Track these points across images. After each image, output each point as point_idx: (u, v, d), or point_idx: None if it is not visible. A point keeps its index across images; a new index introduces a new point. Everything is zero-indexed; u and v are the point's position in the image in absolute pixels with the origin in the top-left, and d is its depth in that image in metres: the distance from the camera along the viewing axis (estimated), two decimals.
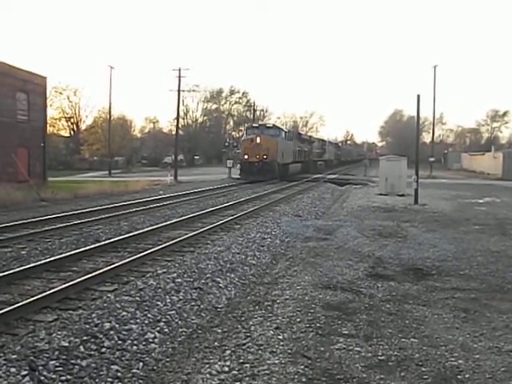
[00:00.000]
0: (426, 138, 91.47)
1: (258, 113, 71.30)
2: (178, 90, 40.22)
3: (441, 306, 7.02)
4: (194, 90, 59.81)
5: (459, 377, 4.80)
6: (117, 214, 15.75)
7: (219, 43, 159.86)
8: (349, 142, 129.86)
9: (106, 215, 15.36)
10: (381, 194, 25.04)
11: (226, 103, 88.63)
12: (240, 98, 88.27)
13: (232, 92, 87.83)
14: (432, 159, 50.96)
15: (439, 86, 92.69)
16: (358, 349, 5.43)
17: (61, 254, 9.73)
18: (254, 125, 38.22)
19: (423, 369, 4.96)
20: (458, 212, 18.44)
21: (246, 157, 33.63)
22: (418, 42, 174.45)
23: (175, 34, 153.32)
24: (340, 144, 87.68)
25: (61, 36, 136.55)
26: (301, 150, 42.59)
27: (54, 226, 13.00)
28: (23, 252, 9.92)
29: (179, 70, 39.37)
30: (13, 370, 4.55)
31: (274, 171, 33.22)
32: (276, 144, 33.44)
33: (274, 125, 38.21)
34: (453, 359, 5.20)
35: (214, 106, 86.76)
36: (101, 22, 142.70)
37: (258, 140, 33.20)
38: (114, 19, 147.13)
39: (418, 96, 21.47)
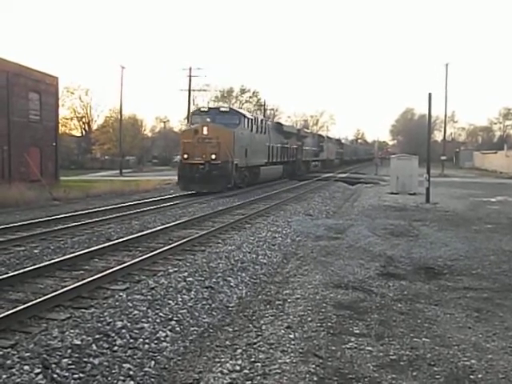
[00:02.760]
0: (438, 136, 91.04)
1: (268, 112, 71.03)
2: (189, 90, 40.40)
3: (453, 306, 6.98)
4: (204, 90, 59.87)
5: (472, 377, 4.77)
6: (128, 213, 15.83)
7: (229, 42, 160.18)
8: (360, 141, 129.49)
9: (118, 214, 15.43)
10: (392, 193, 24.92)
11: (236, 102, 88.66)
12: (250, 97, 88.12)
13: (242, 91, 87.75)
14: (444, 158, 50.62)
15: (451, 84, 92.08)
16: (370, 348, 5.41)
17: (73, 252, 9.80)
18: (203, 108, 25.72)
19: (435, 368, 4.93)
20: (470, 211, 18.30)
21: (185, 156, 22.74)
22: (430, 39, 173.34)
23: (186, 34, 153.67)
24: (343, 141, 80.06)
25: (72, 36, 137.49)
26: (283, 147, 32.90)
27: (66, 225, 13.09)
28: (36, 251, 10.00)
29: (190, 69, 39.60)
30: (26, 367, 4.59)
31: (226, 178, 22.76)
32: (232, 137, 22.98)
33: (231, 108, 26.47)
34: (465, 359, 5.17)
35: None
36: (112, 22, 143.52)
37: (205, 131, 22.47)
38: (125, 19, 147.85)
39: (430, 94, 21.33)
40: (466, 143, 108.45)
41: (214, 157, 22.19)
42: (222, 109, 25.39)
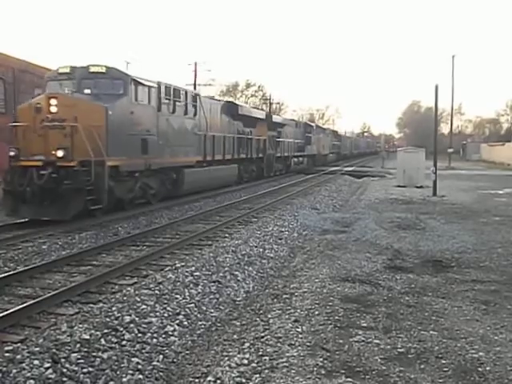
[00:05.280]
0: (445, 129, 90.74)
1: (274, 106, 70.79)
2: (194, 84, 40.34)
3: (460, 298, 6.96)
4: (209, 84, 59.66)
5: (480, 369, 4.76)
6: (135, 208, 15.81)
7: (235, 37, 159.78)
8: (366, 134, 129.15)
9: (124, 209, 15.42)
10: (399, 186, 24.85)
11: (241, 96, 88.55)
12: (256, 91, 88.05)
13: (248, 85, 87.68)
14: (451, 150, 50.37)
15: (457, 76, 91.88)
16: (377, 341, 5.41)
17: (81, 248, 9.86)
18: (62, 69, 14.15)
19: (443, 361, 4.92)
20: (478, 203, 18.23)
21: (13, 153, 12.21)
22: (436, 31, 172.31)
23: (191, 29, 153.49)
24: (349, 134, 72.82)
25: (78, 32, 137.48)
26: (240, 138, 23.98)
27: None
28: (44, 247, 10.04)
29: (195, 64, 39.53)
30: (36, 362, 4.63)
31: (89, 192, 12.25)
32: (103, 116, 12.72)
33: (111, 68, 13.98)
34: (473, 351, 5.15)
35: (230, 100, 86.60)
36: (116, 17, 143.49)
37: (54, 107, 12.23)
38: (129, 14, 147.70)
39: (436, 86, 21.21)
40: (473, 135, 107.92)
41: (62, 154, 11.92)
42: (93, 69, 13.81)
